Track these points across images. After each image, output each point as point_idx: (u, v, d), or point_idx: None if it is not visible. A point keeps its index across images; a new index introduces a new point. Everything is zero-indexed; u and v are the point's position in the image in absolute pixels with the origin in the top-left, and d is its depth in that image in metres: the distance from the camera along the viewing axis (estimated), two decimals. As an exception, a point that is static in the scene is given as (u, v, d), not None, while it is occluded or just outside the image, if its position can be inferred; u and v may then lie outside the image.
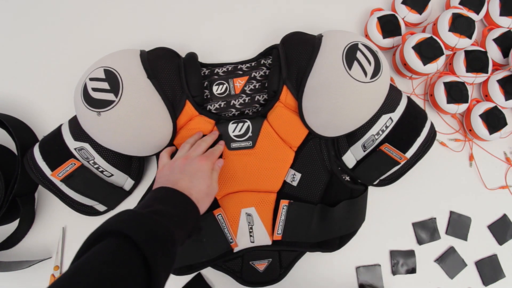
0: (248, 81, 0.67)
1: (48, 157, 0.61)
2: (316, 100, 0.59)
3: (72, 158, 0.60)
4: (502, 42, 0.75)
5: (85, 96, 0.56)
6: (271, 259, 0.64)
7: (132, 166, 0.65)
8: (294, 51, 0.63)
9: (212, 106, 0.66)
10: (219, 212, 0.61)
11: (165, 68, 0.62)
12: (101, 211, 0.67)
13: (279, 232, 0.62)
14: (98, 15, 0.78)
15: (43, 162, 0.60)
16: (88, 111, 0.56)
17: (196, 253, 0.62)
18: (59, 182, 0.60)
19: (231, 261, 0.64)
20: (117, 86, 0.56)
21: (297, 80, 0.61)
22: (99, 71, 0.57)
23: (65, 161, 0.60)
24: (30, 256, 0.67)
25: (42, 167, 0.60)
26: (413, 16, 0.74)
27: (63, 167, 0.59)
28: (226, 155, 0.62)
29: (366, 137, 0.63)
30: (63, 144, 0.61)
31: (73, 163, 0.60)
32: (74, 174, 0.60)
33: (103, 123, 0.56)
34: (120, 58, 0.60)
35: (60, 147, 0.61)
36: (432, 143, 0.64)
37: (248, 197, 0.62)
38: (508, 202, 0.73)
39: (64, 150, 0.61)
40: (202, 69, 0.69)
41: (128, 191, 0.66)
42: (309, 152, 0.64)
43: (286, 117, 0.62)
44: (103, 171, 0.62)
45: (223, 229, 0.61)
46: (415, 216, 0.71)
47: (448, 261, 0.70)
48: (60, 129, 0.63)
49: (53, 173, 0.59)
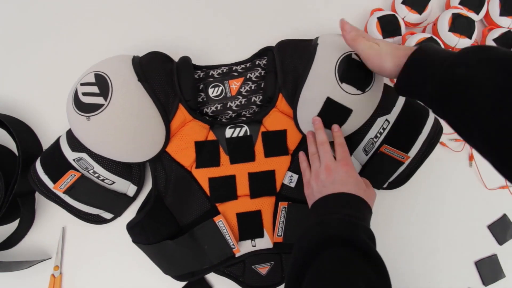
0: (243, 82, 0.67)
1: (49, 170, 0.60)
2: (310, 111, 0.60)
3: (72, 169, 0.60)
4: (502, 42, 0.75)
5: (76, 102, 0.56)
6: (273, 262, 0.64)
7: (133, 172, 0.65)
8: (290, 60, 0.63)
9: (209, 109, 0.66)
10: (220, 218, 0.61)
11: (157, 72, 0.62)
12: (108, 218, 0.67)
13: (279, 234, 0.62)
14: (98, 19, 0.78)
15: (45, 176, 0.60)
16: (78, 116, 0.56)
17: (198, 260, 0.62)
18: (62, 194, 0.60)
19: (233, 266, 0.64)
20: (107, 89, 0.56)
21: (292, 89, 0.62)
22: (90, 76, 0.57)
23: (65, 173, 0.59)
24: (30, 256, 0.67)
25: (45, 180, 0.60)
26: (413, 16, 0.74)
27: (63, 179, 0.59)
28: (224, 160, 0.62)
29: (365, 141, 0.63)
30: (62, 156, 0.61)
31: (73, 175, 0.59)
32: (75, 185, 0.60)
33: (92, 128, 0.56)
34: (112, 62, 0.60)
35: (59, 159, 0.61)
36: (438, 140, 0.63)
37: (247, 202, 0.62)
38: (508, 202, 0.73)
39: (63, 162, 0.61)
40: (196, 71, 0.68)
41: (132, 197, 0.66)
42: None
43: (282, 122, 0.63)
44: (104, 179, 0.62)
45: (224, 235, 0.61)
46: (415, 216, 0.71)
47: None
48: (58, 141, 0.63)
49: (55, 186, 0.59)
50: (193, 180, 0.63)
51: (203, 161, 0.62)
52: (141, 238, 0.62)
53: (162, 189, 0.63)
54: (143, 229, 0.62)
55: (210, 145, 0.62)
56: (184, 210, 0.63)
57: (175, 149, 0.62)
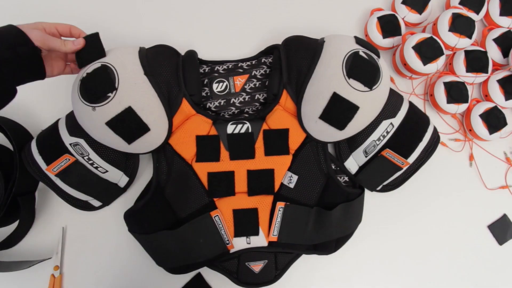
0: (248, 79, 0.67)
1: (44, 151, 0.61)
2: (315, 107, 0.59)
3: (67, 153, 0.60)
4: (502, 42, 0.75)
5: (81, 91, 0.56)
6: (267, 261, 0.64)
7: (128, 163, 0.65)
8: (296, 55, 0.63)
9: (212, 104, 0.66)
10: (216, 213, 0.61)
11: (163, 66, 0.62)
12: (96, 206, 0.66)
13: (274, 234, 0.62)
14: (98, 13, 0.77)
15: (39, 156, 0.60)
16: (83, 105, 0.56)
17: (193, 253, 0.62)
18: (54, 177, 0.60)
19: (227, 262, 0.64)
20: (113, 81, 0.56)
21: (297, 85, 0.61)
22: (96, 66, 0.57)
23: (60, 156, 0.60)
24: (30, 256, 0.67)
25: (38, 161, 0.60)
26: (413, 16, 0.74)
27: (57, 162, 0.59)
28: (224, 156, 0.62)
29: (367, 142, 0.63)
30: (58, 139, 0.61)
31: (67, 159, 0.60)
32: (68, 169, 0.60)
33: (98, 118, 0.56)
34: (118, 53, 0.60)
35: (56, 142, 0.61)
36: (435, 148, 0.63)
37: (245, 199, 0.62)
38: (508, 202, 0.73)
39: (59, 145, 0.61)
40: (202, 66, 0.69)
41: (122, 188, 0.66)
42: (306, 155, 0.64)
43: (285, 121, 0.62)
44: (98, 167, 0.62)
45: (220, 230, 0.61)
46: (415, 216, 0.71)
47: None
48: (57, 124, 0.63)
49: (48, 167, 0.59)
50: (192, 173, 0.63)
51: (203, 155, 0.62)
52: (137, 228, 0.63)
53: (162, 180, 0.63)
54: (141, 218, 0.62)
55: (210, 140, 0.62)
56: (182, 203, 0.63)
57: (177, 142, 0.62)
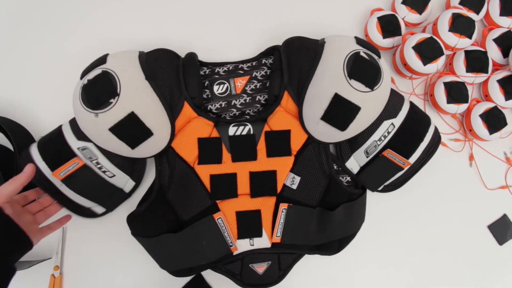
0: (249, 81, 0.67)
1: (48, 157, 0.60)
2: (316, 108, 0.59)
3: (75, 157, 0.60)
4: (502, 42, 0.75)
5: (83, 98, 0.56)
6: (270, 262, 0.64)
7: (135, 167, 0.65)
8: (296, 56, 0.63)
9: (213, 106, 0.66)
10: (219, 215, 0.61)
11: (163, 70, 0.62)
12: (99, 213, 0.66)
13: (278, 235, 0.62)
14: (97, 15, 0.77)
15: (42, 162, 0.60)
16: (86, 112, 0.56)
17: (196, 255, 0.62)
18: (59, 182, 0.60)
19: (231, 264, 0.64)
20: (115, 87, 0.56)
21: (298, 86, 0.61)
22: (97, 72, 0.57)
23: (67, 161, 0.59)
24: (30, 256, 0.66)
25: (42, 167, 0.60)
26: (413, 16, 0.74)
27: (65, 166, 0.59)
28: (226, 158, 0.62)
29: (368, 143, 0.63)
30: (65, 144, 0.61)
31: (76, 162, 0.59)
32: (75, 173, 0.59)
33: (101, 124, 0.56)
34: (119, 59, 0.60)
35: (62, 146, 0.61)
36: (437, 148, 0.64)
37: (248, 201, 0.62)
38: (508, 202, 0.73)
39: (66, 149, 0.60)
40: (202, 68, 0.68)
41: (127, 193, 0.66)
42: (308, 156, 0.64)
43: (286, 122, 0.62)
44: (106, 171, 0.62)
45: (223, 233, 0.61)
46: (415, 216, 0.71)
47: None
48: (61, 129, 0.63)
49: (54, 172, 0.59)
50: (195, 176, 0.63)
51: (205, 157, 0.62)
52: (140, 231, 0.63)
53: (165, 183, 0.63)
54: (143, 222, 0.62)
55: (212, 142, 0.62)
56: (185, 205, 0.63)
57: (179, 145, 0.62)
